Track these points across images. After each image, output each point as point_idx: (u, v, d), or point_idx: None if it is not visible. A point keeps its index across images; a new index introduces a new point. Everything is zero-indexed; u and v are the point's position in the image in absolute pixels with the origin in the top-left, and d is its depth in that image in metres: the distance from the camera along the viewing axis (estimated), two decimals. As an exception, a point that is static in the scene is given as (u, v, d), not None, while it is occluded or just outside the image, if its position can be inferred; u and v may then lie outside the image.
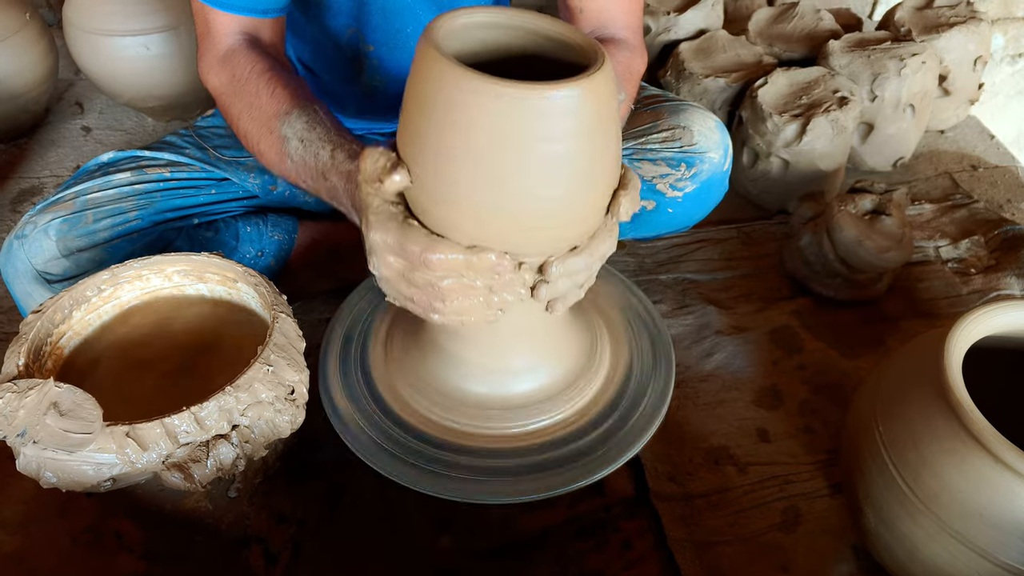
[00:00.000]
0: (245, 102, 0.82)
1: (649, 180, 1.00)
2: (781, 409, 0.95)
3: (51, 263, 0.86)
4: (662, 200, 1.01)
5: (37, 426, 0.63)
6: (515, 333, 0.71)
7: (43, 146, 1.42)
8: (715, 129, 1.02)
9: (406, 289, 0.64)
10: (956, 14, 1.38)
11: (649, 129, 1.02)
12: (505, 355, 0.73)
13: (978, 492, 0.60)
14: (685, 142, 1.00)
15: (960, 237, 1.20)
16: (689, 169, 1.00)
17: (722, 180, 1.03)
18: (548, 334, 0.74)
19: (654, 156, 1.00)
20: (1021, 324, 0.70)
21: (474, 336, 0.71)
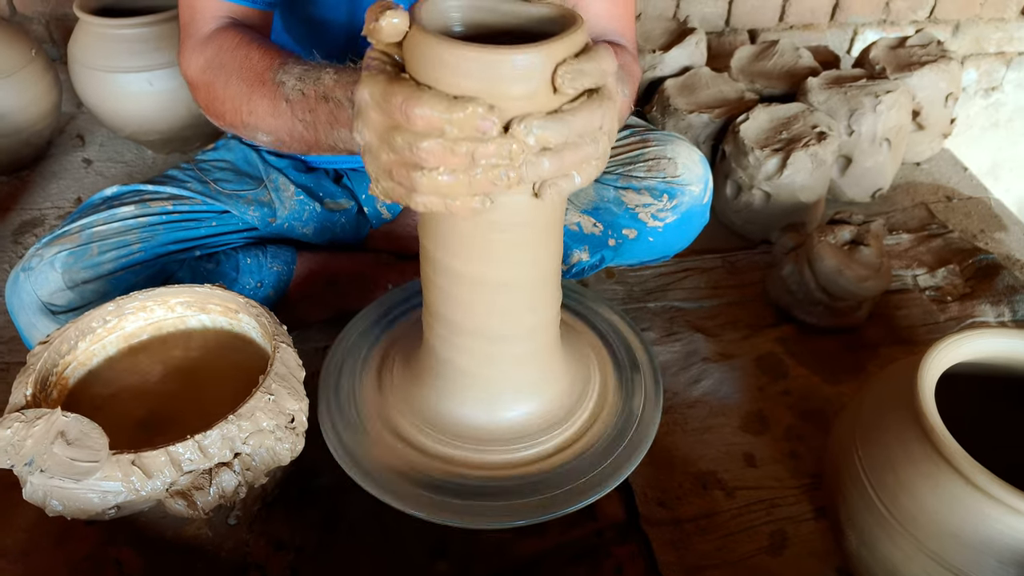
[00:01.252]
0: (234, 65, 0.78)
1: (632, 208, 1.04)
2: (767, 434, 0.97)
3: (56, 295, 0.88)
4: (643, 229, 1.04)
5: (44, 455, 0.65)
6: (511, 361, 0.73)
7: (45, 178, 1.45)
8: (699, 163, 1.06)
9: (386, 157, 0.57)
10: (927, 53, 1.44)
11: (636, 157, 1.06)
12: (500, 384, 0.75)
13: (952, 513, 0.63)
14: (669, 173, 1.04)
15: (937, 266, 1.24)
16: (671, 200, 1.03)
17: (702, 212, 1.07)
18: (542, 362, 0.76)
19: (638, 184, 1.04)
20: (990, 351, 0.74)
21: (472, 365, 0.74)
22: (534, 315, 0.71)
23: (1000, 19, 1.97)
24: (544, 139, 0.55)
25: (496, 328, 0.70)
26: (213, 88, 0.80)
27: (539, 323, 0.72)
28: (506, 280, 0.67)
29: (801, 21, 1.89)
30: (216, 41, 0.81)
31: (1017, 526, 0.61)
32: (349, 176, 1.12)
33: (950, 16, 1.95)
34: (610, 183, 1.06)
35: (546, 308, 0.72)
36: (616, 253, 1.07)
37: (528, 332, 0.72)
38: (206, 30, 0.83)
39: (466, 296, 0.69)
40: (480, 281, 0.67)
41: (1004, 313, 1.14)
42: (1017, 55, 2.06)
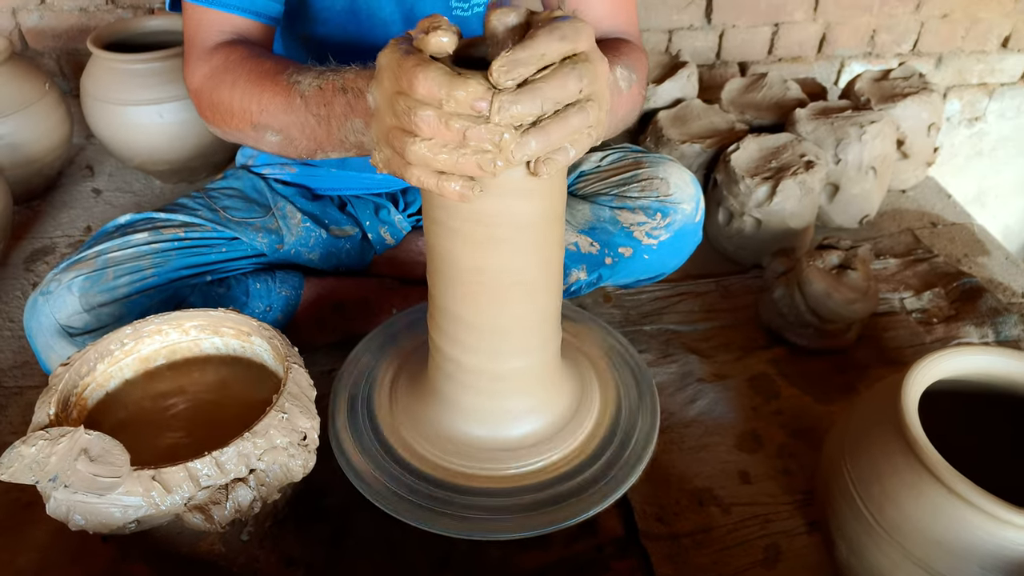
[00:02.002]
0: (243, 69, 0.79)
1: (627, 227, 1.08)
2: (761, 452, 1.00)
3: (73, 317, 0.91)
4: (638, 247, 1.08)
5: (68, 471, 0.68)
6: (513, 379, 0.77)
7: (55, 208, 1.49)
8: (690, 183, 1.10)
9: (389, 121, 0.59)
10: (910, 85, 1.49)
11: (630, 178, 1.10)
12: (502, 401, 0.79)
13: (935, 521, 0.66)
14: (662, 192, 1.08)
15: (922, 289, 1.28)
16: (664, 218, 1.07)
17: (695, 231, 1.11)
18: (543, 380, 0.79)
19: (633, 204, 1.08)
20: (971, 368, 0.78)
21: (474, 380, 0.77)
22: (538, 325, 0.74)
23: (981, 51, 2.04)
24: (519, 115, 0.54)
25: (501, 341, 0.73)
26: (219, 91, 0.80)
27: (542, 336, 0.76)
28: (513, 281, 0.70)
29: (790, 54, 1.95)
30: (222, 51, 0.82)
31: (997, 532, 0.64)
32: (353, 204, 1.17)
33: (933, 49, 2.01)
34: (606, 203, 1.10)
35: (548, 319, 0.75)
36: (613, 271, 1.11)
37: (531, 346, 0.75)
38: (211, 42, 0.84)
39: (472, 299, 0.71)
40: (488, 281, 0.70)
41: (988, 334, 1.17)
42: (999, 86, 2.13)
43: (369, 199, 1.17)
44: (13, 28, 1.64)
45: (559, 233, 0.71)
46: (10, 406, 1.05)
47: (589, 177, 1.15)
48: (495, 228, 0.66)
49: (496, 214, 0.65)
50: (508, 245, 0.67)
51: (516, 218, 0.66)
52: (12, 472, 0.67)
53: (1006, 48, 2.05)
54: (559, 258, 0.73)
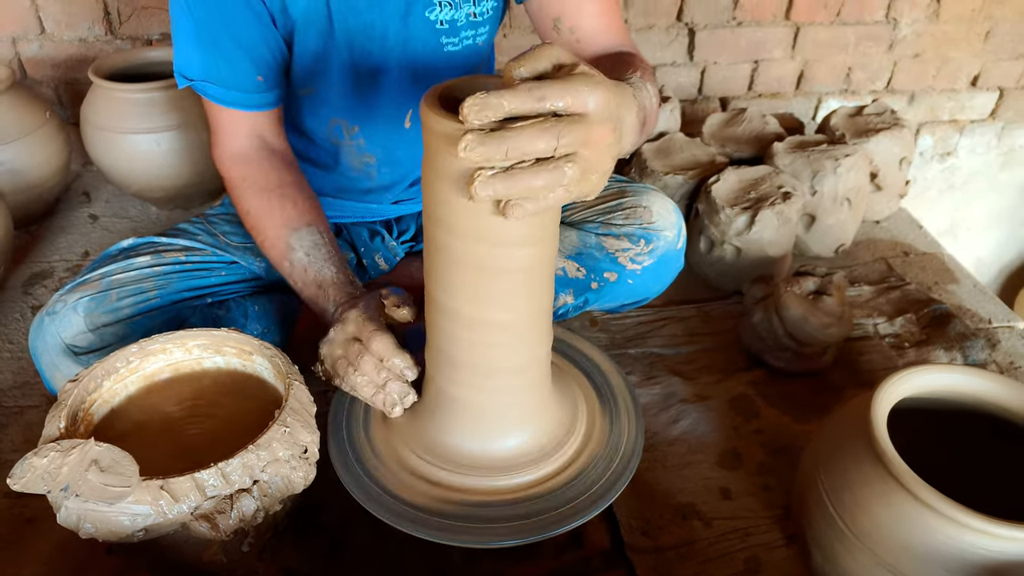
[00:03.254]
0: (258, 208, 0.98)
1: (612, 253, 1.12)
2: (741, 469, 1.04)
3: (79, 337, 0.94)
4: (623, 272, 1.13)
5: (79, 481, 0.70)
6: (505, 395, 0.80)
7: (53, 232, 1.52)
8: (671, 212, 1.15)
9: (340, 353, 0.87)
10: (882, 120, 1.57)
11: (615, 206, 1.15)
12: (495, 420, 0.82)
13: (901, 528, 0.70)
14: (645, 220, 1.13)
15: (895, 315, 1.33)
16: (648, 245, 1.12)
17: (677, 257, 1.16)
18: (534, 398, 0.83)
19: (617, 231, 1.13)
20: (936, 386, 0.82)
21: (464, 409, 0.81)
22: (528, 352, 0.78)
23: (952, 90, 2.13)
24: (481, 155, 0.56)
25: (493, 363, 0.77)
26: (239, 207, 1.00)
27: (532, 360, 0.80)
28: (503, 320, 0.75)
29: (769, 90, 2.03)
30: (244, 169, 0.99)
31: (960, 536, 0.68)
32: (349, 230, 1.21)
33: (906, 87, 2.10)
34: (591, 230, 1.14)
35: (538, 346, 0.80)
36: (598, 295, 1.15)
37: (522, 368, 0.79)
38: (234, 147, 1.00)
39: (466, 334, 0.76)
40: (479, 321, 0.75)
41: (957, 358, 1.23)
42: (969, 123, 2.21)
43: (364, 226, 1.21)
44: (13, 57, 1.68)
45: (549, 283, 0.77)
46: (10, 425, 1.07)
47: (576, 205, 1.19)
48: (496, 278, 0.72)
49: (495, 271, 0.71)
50: (502, 298, 0.73)
51: (512, 276, 0.72)
52: (25, 483, 0.70)
53: (975, 87, 2.14)
54: (548, 299, 0.78)
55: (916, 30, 1.97)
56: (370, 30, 0.97)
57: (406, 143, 1.10)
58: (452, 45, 1.02)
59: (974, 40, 2.03)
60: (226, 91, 0.95)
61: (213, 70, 0.94)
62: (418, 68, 1.02)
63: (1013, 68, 2.11)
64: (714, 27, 1.86)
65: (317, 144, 1.11)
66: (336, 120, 1.08)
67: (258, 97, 0.97)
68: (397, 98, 1.05)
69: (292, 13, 0.94)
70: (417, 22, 0.97)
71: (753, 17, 1.87)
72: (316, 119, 1.08)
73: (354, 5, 0.94)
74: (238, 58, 0.94)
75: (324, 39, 0.97)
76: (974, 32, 2.01)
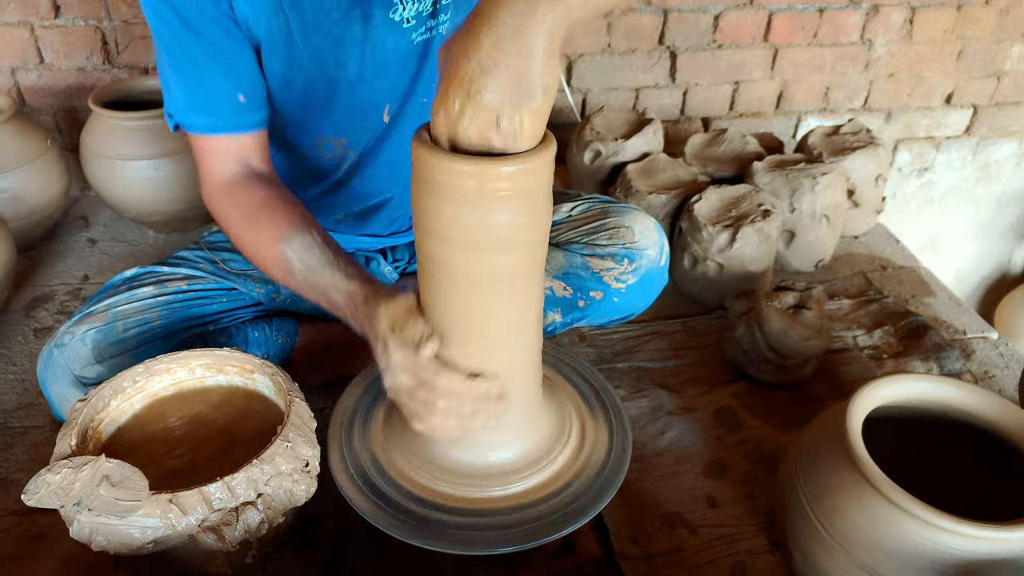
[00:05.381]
0: (248, 233, 0.96)
1: (597, 272, 1.16)
2: (726, 479, 1.08)
3: (87, 368, 0.98)
4: (608, 291, 1.16)
5: (91, 496, 0.74)
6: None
7: (52, 257, 1.55)
8: (653, 230, 1.19)
9: (408, 400, 0.80)
10: (858, 139, 1.62)
11: (599, 227, 1.18)
12: (487, 433, 0.86)
13: (875, 528, 0.74)
14: (628, 239, 1.16)
15: (873, 327, 1.38)
16: (631, 264, 1.16)
17: (660, 274, 1.19)
18: (525, 411, 0.87)
19: (602, 251, 1.16)
20: (909, 394, 0.87)
21: None
22: (518, 361, 0.82)
23: (927, 107, 2.20)
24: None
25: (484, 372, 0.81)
26: (232, 237, 0.99)
27: (523, 371, 0.83)
28: (493, 329, 0.78)
29: (750, 110, 2.09)
30: (230, 199, 0.97)
31: (932, 537, 0.72)
32: (346, 257, 1.24)
33: (882, 105, 2.16)
34: (577, 251, 1.18)
35: (529, 354, 0.83)
36: (585, 313, 1.19)
37: (512, 385, 0.83)
38: (219, 176, 0.97)
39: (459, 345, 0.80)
40: (473, 331, 0.78)
41: (933, 368, 1.27)
42: (945, 139, 2.28)
43: (361, 255, 1.25)
44: (12, 86, 1.71)
45: (539, 284, 0.81)
46: (16, 445, 1.10)
47: (561, 226, 1.23)
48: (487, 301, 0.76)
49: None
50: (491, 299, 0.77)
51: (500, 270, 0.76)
52: (39, 498, 0.73)
53: (950, 104, 2.21)
54: (539, 311, 0.82)
55: (890, 50, 2.04)
56: (336, 46, 0.96)
57: (390, 141, 1.09)
58: (420, 35, 0.99)
59: (947, 59, 2.09)
60: (208, 117, 0.95)
61: (194, 96, 0.95)
62: (391, 66, 1.00)
63: (986, 86, 2.18)
64: (695, 50, 1.92)
65: (313, 166, 1.14)
66: (323, 138, 1.08)
67: (238, 118, 0.96)
68: (374, 99, 1.04)
69: (256, 34, 0.94)
70: (381, 27, 0.96)
71: (733, 40, 1.93)
72: (304, 141, 1.09)
73: (314, 25, 0.94)
74: (216, 77, 0.93)
75: (288, 60, 0.97)
76: (946, 52, 2.08)
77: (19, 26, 1.61)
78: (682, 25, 1.88)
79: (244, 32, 0.94)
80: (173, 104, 0.97)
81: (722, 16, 1.88)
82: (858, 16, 1.96)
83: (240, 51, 0.94)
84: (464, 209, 0.70)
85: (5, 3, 1.58)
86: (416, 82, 1.03)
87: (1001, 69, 2.15)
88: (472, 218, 0.71)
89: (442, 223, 0.72)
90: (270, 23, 0.93)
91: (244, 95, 0.96)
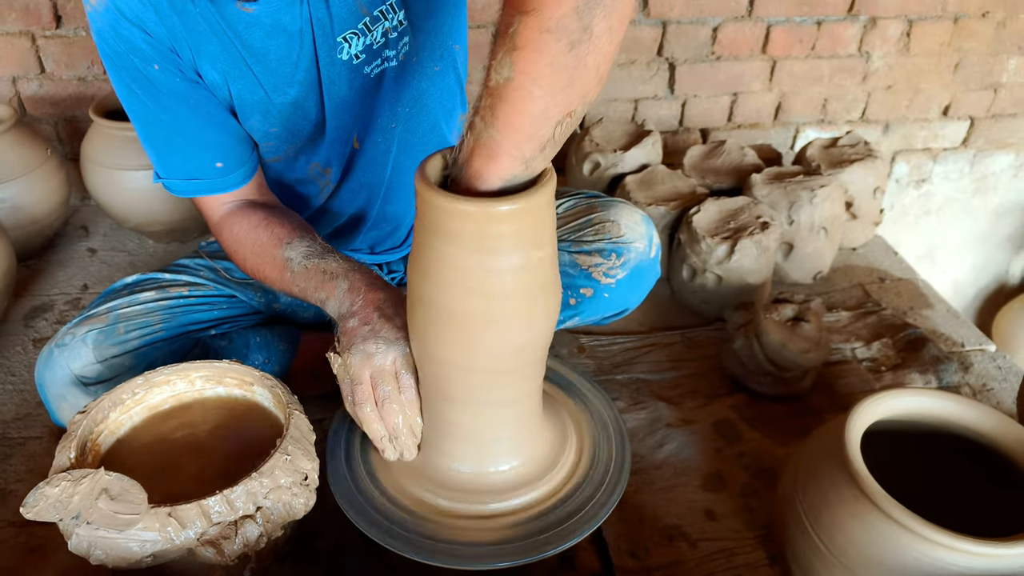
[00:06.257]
0: (248, 248, 0.99)
1: (586, 269, 1.12)
2: (725, 492, 1.08)
3: (87, 368, 0.98)
4: (598, 287, 1.12)
5: (90, 509, 0.73)
6: (495, 434, 0.84)
7: (52, 266, 1.55)
8: (640, 222, 1.15)
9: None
10: (856, 152, 1.63)
11: (585, 223, 1.15)
12: (487, 448, 0.86)
13: (874, 544, 0.74)
14: (614, 234, 1.13)
15: (872, 340, 1.38)
16: (619, 258, 1.12)
17: (651, 266, 1.15)
18: (525, 427, 0.87)
19: (588, 247, 1.13)
20: (907, 409, 0.87)
21: (460, 437, 0.85)
22: (521, 387, 0.82)
23: (925, 119, 2.21)
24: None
25: (483, 401, 0.81)
26: (235, 259, 1.03)
27: (524, 394, 0.84)
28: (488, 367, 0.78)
29: (748, 121, 2.10)
30: (228, 227, 1.02)
31: (930, 553, 0.72)
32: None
33: (880, 117, 2.17)
34: (564, 248, 1.16)
35: (530, 382, 0.83)
36: (577, 311, 1.15)
37: (511, 403, 0.83)
38: (218, 215, 1.03)
39: (459, 378, 0.80)
40: (472, 368, 0.78)
41: (931, 380, 1.27)
42: (942, 151, 2.29)
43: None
44: (13, 96, 1.71)
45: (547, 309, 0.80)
46: (14, 456, 1.09)
47: None
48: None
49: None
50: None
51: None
52: (38, 511, 0.73)
53: (947, 116, 2.22)
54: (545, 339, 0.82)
55: (888, 63, 2.05)
56: (302, 92, 0.99)
57: (359, 165, 1.10)
58: (375, 67, 1.00)
59: (944, 72, 2.11)
60: (187, 183, 1.00)
61: (171, 167, 1.00)
62: (352, 102, 1.02)
63: (982, 98, 2.19)
64: (694, 62, 1.93)
65: (298, 192, 1.15)
66: (313, 165, 1.11)
67: (220, 182, 1.01)
68: (342, 132, 1.06)
69: (228, 95, 0.98)
70: (330, 69, 0.97)
71: (731, 52, 1.94)
72: (289, 174, 1.12)
73: (281, 77, 0.97)
74: (191, 151, 0.99)
75: (264, 115, 1.00)
76: (943, 64, 2.09)
77: (20, 36, 1.62)
78: (681, 37, 1.89)
79: (220, 95, 0.97)
80: (154, 165, 1.01)
81: (721, 28, 1.89)
82: (856, 29, 1.97)
83: (211, 123, 0.98)
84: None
85: (7, 12, 1.58)
86: (379, 110, 1.04)
87: (998, 81, 2.16)
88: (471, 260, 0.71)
89: (441, 265, 0.73)
90: (239, 84, 0.96)
91: (222, 162, 1.00)
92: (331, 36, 0.94)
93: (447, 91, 1.08)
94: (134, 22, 0.89)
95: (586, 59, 0.59)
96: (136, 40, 0.90)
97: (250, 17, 0.91)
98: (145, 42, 0.90)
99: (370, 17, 0.94)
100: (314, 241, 0.96)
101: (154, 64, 0.92)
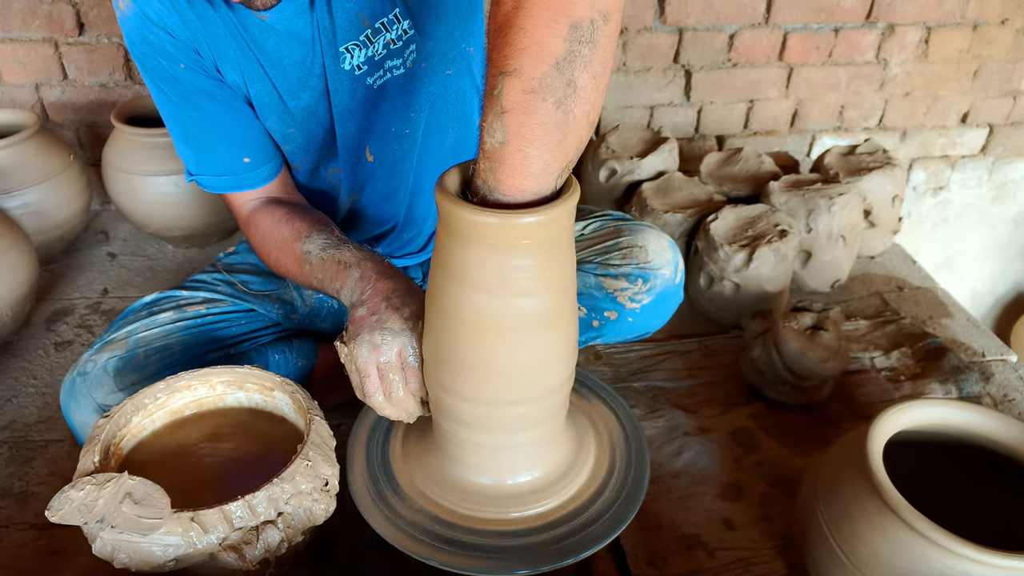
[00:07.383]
0: (272, 243, 1.03)
1: (611, 293, 1.14)
2: (743, 501, 1.08)
3: (109, 396, 0.99)
4: (622, 311, 1.14)
5: (114, 513, 0.74)
6: (515, 443, 0.84)
7: (73, 270, 1.57)
8: (667, 248, 1.16)
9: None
10: (874, 160, 1.62)
11: (612, 246, 1.16)
12: (506, 458, 0.85)
13: (897, 556, 0.74)
14: (641, 259, 1.14)
15: (891, 349, 1.37)
16: (645, 284, 1.13)
17: (675, 292, 1.17)
18: (545, 440, 0.86)
19: (615, 272, 1.14)
20: (930, 419, 0.86)
21: (477, 445, 0.85)
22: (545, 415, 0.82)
23: (943, 127, 2.19)
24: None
25: (508, 427, 0.81)
26: (260, 254, 1.07)
27: (548, 417, 0.84)
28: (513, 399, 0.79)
29: (764, 128, 2.09)
30: (254, 224, 1.06)
31: (955, 566, 0.71)
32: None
33: (897, 124, 2.16)
34: (590, 271, 1.17)
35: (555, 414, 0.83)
36: (600, 333, 1.18)
37: (539, 424, 0.83)
38: (247, 211, 1.07)
39: (482, 411, 0.80)
40: (495, 403, 0.79)
41: (951, 390, 1.26)
42: (960, 158, 2.27)
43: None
44: (36, 102, 1.74)
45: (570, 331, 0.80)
46: (36, 458, 1.11)
47: (575, 245, 1.23)
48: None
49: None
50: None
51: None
52: (63, 514, 0.74)
53: (965, 123, 2.20)
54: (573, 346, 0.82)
55: (906, 70, 2.04)
56: (313, 98, 1.02)
57: (375, 177, 1.12)
58: (378, 79, 1.01)
59: (963, 79, 2.09)
60: (217, 179, 1.04)
61: (203, 163, 1.04)
62: (356, 111, 1.03)
63: (1002, 105, 2.17)
64: (710, 68, 1.93)
65: (321, 195, 1.17)
66: (331, 171, 1.13)
67: (248, 177, 1.05)
68: (353, 141, 1.07)
69: (248, 95, 1.01)
70: (335, 78, 0.99)
71: (747, 59, 1.93)
72: (308, 176, 1.14)
73: (296, 81, 1.00)
74: (219, 145, 1.02)
75: (280, 118, 1.04)
76: (962, 71, 2.08)
77: (44, 43, 1.64)
78: (697, 44, 1.89)
79: (240, 94, 1.01)
80: (186, 163, 1.06)
81: (737, 35, 1.89)
82: (873, 36, 1.96)
83: (238, 118, 1.02)
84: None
85: (30, 20, 1.61)
86: (388, 119, 1.05)
87: (1017, 89, 2.14)
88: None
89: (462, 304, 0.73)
90: (257, 86, 1.00)
91: (250, 157, 1.04)
92: (334, 46, 0.96)
93: (461, 94, 1.08)
94: (159, 25, 0.93)
95: (574, 111, 0.60)
96: (162, 42, 0.94)
97: (265, 24, 0.94)
98: (171, 44, 0.94)
99: (372, 29, 0.96)
100: (331, 234, 0.98)
101: (180, 64, 0.96)
